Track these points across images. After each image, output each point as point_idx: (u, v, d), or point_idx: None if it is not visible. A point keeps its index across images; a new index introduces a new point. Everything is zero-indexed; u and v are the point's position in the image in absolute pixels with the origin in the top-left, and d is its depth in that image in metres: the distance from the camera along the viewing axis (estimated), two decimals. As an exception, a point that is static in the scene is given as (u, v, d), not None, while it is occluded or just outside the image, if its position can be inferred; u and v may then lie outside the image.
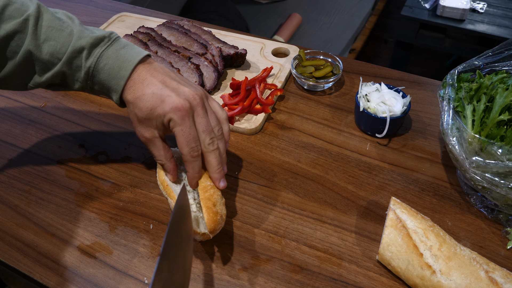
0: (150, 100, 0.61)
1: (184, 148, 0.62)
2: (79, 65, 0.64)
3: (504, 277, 0.58)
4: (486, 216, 0.72)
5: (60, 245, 0.68)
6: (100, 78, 0.64)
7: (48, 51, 0.63)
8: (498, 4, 2.39)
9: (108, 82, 0.64)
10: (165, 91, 0.62)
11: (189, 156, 0.63)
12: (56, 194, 0.76)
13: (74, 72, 0.64)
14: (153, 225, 0.71)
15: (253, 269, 0.65)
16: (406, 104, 0.83)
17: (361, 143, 0.85)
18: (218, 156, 0.65)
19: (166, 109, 0.61)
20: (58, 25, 0.64)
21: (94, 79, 0.65)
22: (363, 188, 0.76)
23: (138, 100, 0.62)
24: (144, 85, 0.62)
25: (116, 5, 1.28)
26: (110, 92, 0.65)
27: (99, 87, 0.66)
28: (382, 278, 0.64)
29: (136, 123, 0.65)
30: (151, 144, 0.66)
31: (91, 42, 0.63)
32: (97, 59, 0.63)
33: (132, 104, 0.63)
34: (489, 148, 0.65)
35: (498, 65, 0.76)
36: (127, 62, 0.63)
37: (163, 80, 0.63)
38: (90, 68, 0.63)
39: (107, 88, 0.65)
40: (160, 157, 0.66)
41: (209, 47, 1.00)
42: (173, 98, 0.61)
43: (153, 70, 0.64)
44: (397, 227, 0.63)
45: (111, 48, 0.64)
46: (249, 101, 0.88)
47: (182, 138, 0.62)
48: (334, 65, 0.98)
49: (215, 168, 0.65)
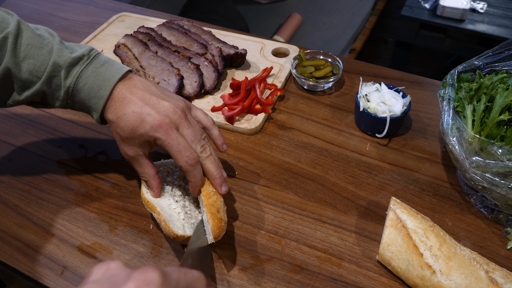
0: (131, 119, 0.61)
1: (180, 160, 0.61)
2: (58, 84, 0.63)
3: (504, 277, 0.58)
4: (486, 216, 0.72)
5: (60, 245, 0.68)
6: (80, 97, 0.64)
7: (27, 69, 0.62)
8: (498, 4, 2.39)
9: (88, 102, 0.64)
10: (145, 109, 0.61)
11: (187, 166, 0.61)
12: (56, 194, 0.76)
13: (54, 91, 0.64)
14: (153, 225, 0.71)
15: (253, 269, 0.65)
16: (406, 104, 0.83)
17: (361, 143, 0.85)
18: (214, 161, 0.64)
19: (147, 128, 0.60)
20: (37, 42, 0.63)
21: (74, 98, 0.65)
22: (363, 188, 0.76)
23: (119, 120, 0.62)
24: (124, 104, 0.62)
25: (116, 5, 1.28)
26: (90, 111, 0.65)
27: (79, 106, 0.66)
28: (382, 278, 0.64)
29: (119, 142, 0.65)
30: (135, 162, 0.65)
31: (70, 62, 0.63)
32: (76, 78, 0.63)
33: (114, 124, 0.63)
34: (489, 148, 0.65)
35: (498, 65, 0.76)
36: (107, 81, 0.63)
37: (142, 97, 0.62)
38: (70, 88, 0.63)
39: (87, 107, 0.65)
40: (144, 174, 0.66)
41: (209, 47, 1.00)
42: (153, 116, 0.60)
43: (133, 87, 0.63)
44: (397, 227, 0.63)
45: (90, 66, 0.63)
46: (249, 101, 0.88)
47: (174, 151, 0.61)
48: (334, 65, 0.98)
49: (215, 174, 0.64)
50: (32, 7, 1.28)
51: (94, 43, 1.09)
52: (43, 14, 1.25)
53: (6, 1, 1.31)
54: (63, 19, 1.22)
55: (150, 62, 0.98)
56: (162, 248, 0.67)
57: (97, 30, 1.14)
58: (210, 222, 0.61)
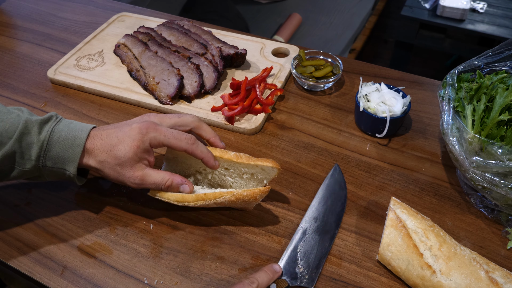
0: (121, 137, 0.64)
1: (181, 144, 0.65)
2: (31, 142, 0.63)
3: (504, 277, 0.58)
4: (486, 216, 0.72)
5: (60, 245, 0.68)
6: (55, 151, 0.64)
7: None
8: (498, 4, 2.39)
9: (64, 153, 0.64)
10: (125, 128, 0.65)
11: (190, 145, 0.65)
12: (56, 194, 0.76)
13: (25, 150, 0.63)
14: (153, 225, 0.71)
15: (253, 269, 0.65)
16: (406, 104, 0.83)
17: (361, 143, 0.85)
18: (202, 145, 0.67)
19: (138, 136, 0.64)
20: (5, 109, 0.65)
21: (48, 153, 0.64)
22: (363, 188, 0.76)
23: (111, 150, 0.64)
24: (104, 138, 0.65)
25: (116, 5, 1.28)
26: (66, 164, 0.64)
27: (52, 163, 0.64)
28: (382, 278, 0.64)
29: (120, 171, 0.64)
30: (146, 177, 0.65)
31: (41, 120, 0.65)
32: (50, 133, 0.64)
33: (104, 160, 0.64)
34: (489, 148, 0.65)
35: (498, 65, 0.76)
36: (80, 132, 0.65)
37: (116, 127, 0.67)
38: (44, 142, 0.63)
39: (62, 160, 0.64)
40: (163, 180, 0.65)
41: (209, 47, 1.00)
42: (137, 125, 0.65)
43: (104, 129, 0.67)
44: (397, 227, 0.63)
45: (60, 123, 0.66)
46: (249, 101, 0.88)
47: (172, 140, 0.65)
48: (334, 65, 0.98)
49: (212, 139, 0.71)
50: (32, 7, 1.28)
51: (94, 43, 1.09)
52: (43, 14, 1.25)
53: (7, 1, 1.31)
54: (63, 19, 1.22)
55: (150, 62, 0.98)
56: (162, 248, 0.67)
57: (97, 30, 1.14)
58: (265, 163, 0.68)
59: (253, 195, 0.66)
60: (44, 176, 0.66)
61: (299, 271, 0.63)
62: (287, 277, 0.62)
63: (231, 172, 0.70)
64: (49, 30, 1.18)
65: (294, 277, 0.62)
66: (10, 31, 1.18)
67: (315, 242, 0.66)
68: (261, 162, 0.68)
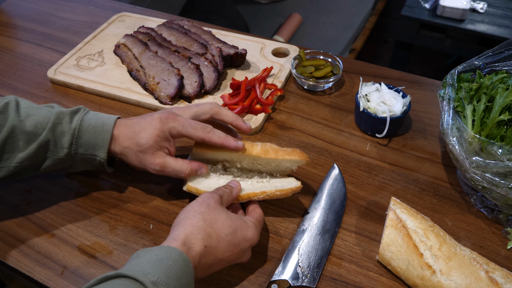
0: (143, 128, 0.68)
1: (198, 133, 0.67)
2: (63, 131, 0.67)
3: (504, 277, 0.58)
4: (486, 216, 0.72)
5: (60, 245, 0.68)
6: (86, 138, 0.68)
7: (31, 124, 0.66)
8: (498, 4, 2.39)
9: (94, 140, 0.68)
10: (148, 117, 0.69)
11: (206, 133, 0.67)
12: (56, 194, 0.76)
13: (59, 139, 0.67)
14: (153, 225, 0.71)
15: (253, 269, 0.65)
16: (406, 104, 0.83)
17: (361, 143, 0.85)
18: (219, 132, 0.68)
19: (159, 125, 0.67)
20: (36, 105, 0.69)
21: (79, 140, 0.68)
22: (363, 188, 0.76)
23: (134, 137, 0.68)
24: (129, 126, 0.69)
25: (116, 5, 1.28)
26: (96, 149, 0.68)
27: (83, 149, 0.68)
28: (382, 278, 0.64)
29: (142, 158, 0.68)
30: (166, 165, 0.67)
31: (71, 111, 0.69)
32: (80, 121, 0.68)
33: (128, 145, 0.68)
34: (489, 148, 0.65)
35: (498, 65, 0.76)
36: (108, 119, 0.69)
37: (140, 117, 0.71)
38: (76, 130, 0.68)
39: (93, 146, 0.68)
40: (182, 168, 0.67)
41: (209, 47, 1.00)
42: (159, 115, 0.69)
43: (129, 119, 0.71)
44: (397, 227, 0.63)
45: (89, 114, 0.70)
46: (249, 101, 0.88)
47: (189, 129, 0.67)
48: (334, 65, 0.98)
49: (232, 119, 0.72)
50: (32, 7, 1.28)
51: (94, 43, 1.09)
52: (43, 14, 1.25)
53: (7, 1, 1.31)
54: (63, 19, 1.22)
55: (150, 62, 0.98)
56: (162, 248, 0.67)
57: (97, 30, 1.14)
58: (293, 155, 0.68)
59: (286, 194, 0.68)
60: (76, 165, 0.70)
61: (300, 271, 0.63)
62: (288, 277, 0.62)
63: (260, 161, 0.71)
64: (49, 30, 1.18)
65: (295, 277, 0.62)
66: (10, 31, 1.18)
67: (315, 242, 0.66)
68: (289, 156, 0.69)
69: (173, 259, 0.51)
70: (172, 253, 0.52)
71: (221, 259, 0.58)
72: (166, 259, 0.51)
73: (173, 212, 0.73)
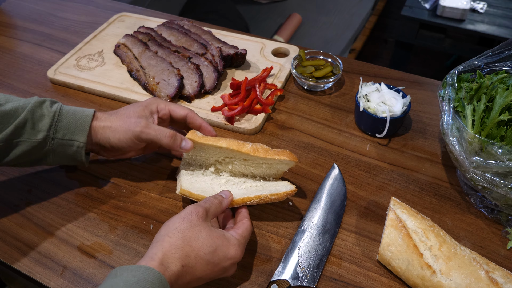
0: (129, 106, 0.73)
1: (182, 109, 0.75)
2: (43, 114, 0.67)
3: (504, 277, 0.58)
4: (486, 216, 0.72)
5: (60, 245, 0.68)
6: (66, 121, 0.68)
7: (12, 106, 0.66)
8: (498, 4, 2.39)
9: (74, 123, 0.68)
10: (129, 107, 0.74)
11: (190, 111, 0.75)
12: (56, 194, 0.76)
13: (37, 121, 0.67)
14: (153, 225, 0.71)
15: (253, 269, 0.65)
16: (406, 104, 0.83)
17: (361, 143, 0.85)
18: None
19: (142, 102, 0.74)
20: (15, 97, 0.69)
21: (59, 124, 0.68)
22: (363, 188, 0.76)
23: (119, 110, 0.73)
24: (110, 113, 0.72)
25: (116, 5, 1.28)
26: (75, 134, 0.68)
27: (62, 134, 0.68)
28: (382, 278, 0.64)
29: (126, 121, 0.70)
30: (150, 125, 0.69)
31: (51, 99, 0.70)
32: (60, 106, 0.69)
33: (114, 115, 0.72)
34: (489, 148, 0.65)
35: (498, 65, 0.76)
36: (88, 108, 0.71)
37: None
38: (56, 113, 0.68)
39: (72, 130, 0.68)
40: (165, 131, 0.69)
41: (209, 47, 1.00)
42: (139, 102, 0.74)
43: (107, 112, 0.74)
44: (397, 227, 0.63)
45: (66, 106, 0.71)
46: (249, 101, 0.88)
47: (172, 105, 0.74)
48: (334, 65, 0.98)
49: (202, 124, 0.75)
50: (32, 7, 1.28)
51: (94, 43, 1.09)
52: (43, 14, 1.25)
53: (7, 1, 1.31)
54: (63, 19, 1.22)
55: (150, 62, 0.98)
56: (162, 248, 0.67)
57: (97, 30, 1.14)
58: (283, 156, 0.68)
59: (280, 198, 0.68)
60: (50, 154, 0.69)
61: (300, 271, 0.63)
62: (288, 278, 0.62)
63: (250, 163, 0.71)
64: (49, 30, 1.18)
65: (295, 277, 0.62)
66: (10, 31, 1.18)
67: (315, 242, 0.66)
68: (278, 156, 0.68)
69: (150, 281, 0.51)
70: (149, 275, 0.51)
71: (199, 277, 0.57)
72: (144, 281, 0.50)
73: (173, 212, 0.73)
